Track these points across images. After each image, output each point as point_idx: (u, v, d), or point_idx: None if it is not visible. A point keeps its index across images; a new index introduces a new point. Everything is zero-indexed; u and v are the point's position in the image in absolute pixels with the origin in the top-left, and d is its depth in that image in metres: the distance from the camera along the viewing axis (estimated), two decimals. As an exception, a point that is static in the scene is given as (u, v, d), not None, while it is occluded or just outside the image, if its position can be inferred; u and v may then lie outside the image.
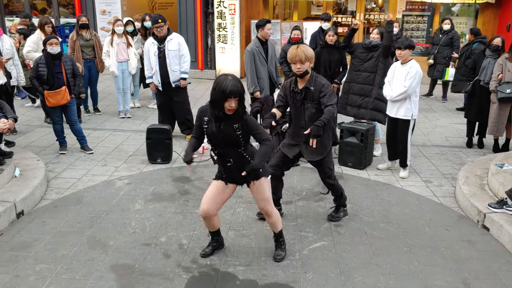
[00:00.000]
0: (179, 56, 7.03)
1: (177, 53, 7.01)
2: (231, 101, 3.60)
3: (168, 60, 6.96)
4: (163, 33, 6.91)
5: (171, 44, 6.96)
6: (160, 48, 6.97)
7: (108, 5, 13.01)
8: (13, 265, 4.10)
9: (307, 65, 4.30)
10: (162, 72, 7.01)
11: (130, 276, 3.97)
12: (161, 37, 6.95)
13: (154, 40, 7.04)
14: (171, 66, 6.98)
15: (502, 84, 6.55)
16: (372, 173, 6.27)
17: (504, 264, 4.22)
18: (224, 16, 12.05)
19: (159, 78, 7.05)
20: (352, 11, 13.53)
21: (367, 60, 6.56)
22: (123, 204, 5.29)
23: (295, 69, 4.33)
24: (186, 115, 7.35)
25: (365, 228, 4.81)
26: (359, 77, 6.65)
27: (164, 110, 7.36)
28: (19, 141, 7.26)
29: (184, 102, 7.35)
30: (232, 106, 3.62)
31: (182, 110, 7.32)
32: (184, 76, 7.13)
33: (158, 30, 6.88)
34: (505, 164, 5.72)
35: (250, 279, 3.95)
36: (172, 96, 7.17)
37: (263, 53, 6.92)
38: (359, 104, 6.68)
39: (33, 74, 6.42)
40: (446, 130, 8.30)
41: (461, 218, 5.08)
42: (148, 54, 7.10)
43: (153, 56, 7.01)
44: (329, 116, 4.31)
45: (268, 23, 6.94)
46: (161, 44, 6.97)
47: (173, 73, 7.02)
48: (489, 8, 12.30)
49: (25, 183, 5.37)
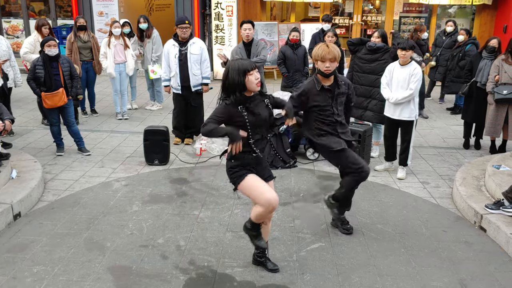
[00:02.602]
0: (200, 61, 6.96)
1: (198, 58, 6.93)
2: (253, 72, 3.54)
3: (189, 63, 6.88)
4: (187, 35, 6.83)
5: (194, 48, 6.89)
6: (182, 51, 6.89)
7: (105, 7, 13.01)
8: (10, 267, 4.09)
9: (335, 64, 4.27)
10: (182, 75, 6.94)
11: (128, 277, 3.97)
12: (184, 39, 6.86)
13: (175, 42, 6.93)
14: (192, 70, 6.91)
15: (499, 86, 6.57)
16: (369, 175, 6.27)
17: (501, 265, 4.23)
18: (221, 17, 12.06)
19: (179, 81, 6.97)
20: (349, 12, 13.57)
21: (372, 61, 6.49)
22: (121, 205, 5.28)
23: (324, 67, 4.22)
24: (198, 121, 7.29)
25: (363, 229, 4.82)
26: (363, 79, 6.60)
27: (181, 114, 7.28)
28: (16, 142, 7.25)
29: (200, 107, 7.32)
30: (257, 77, 3.56)
31: (197, 114, 7.28)
32: (207, 82, 7.09)
33: (184, 31, 6.79)
34: (502, 165, 5.74)
35: (248, 281, 3.95)
36: (189, 100, 7.13)
37: (243, 53, 6.90)
38: (364, 106, 6.63)
39: (30, 76, 6.41)
40: (443, 131, 8.32)
41: (458, 219, 5.09)
42: (168, 56, 7.00)
43: (173, 58, 6.92)
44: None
45: (245, 23, 6.91)
46: (182, 47, 6.88)
47: (193, 77, 6.95)
48: (485, 10, 12.34)
49: (22, 184, 5.36)
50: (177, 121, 7.35)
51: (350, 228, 4.74)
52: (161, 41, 8.88)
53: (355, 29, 13.36)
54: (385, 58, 6.39)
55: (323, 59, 4.21)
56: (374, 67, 6.47)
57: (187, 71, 6.91)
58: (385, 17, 13.29)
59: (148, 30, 8.92)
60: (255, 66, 3.58)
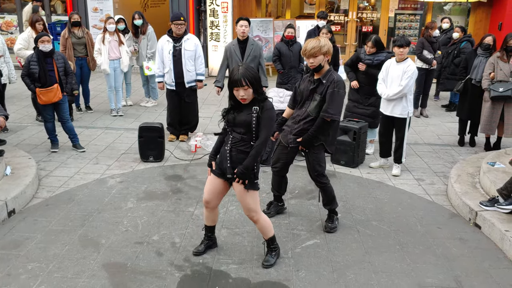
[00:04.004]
0: (195, 58, 6.96)
1: (193, 54, 6.93)
2: (238, 90, 3.59)
3: (183, 60, 6.88)
4: (182, 31, 6.84)
5: (188, 44, 6.89)
6: (176, 47, 6.87)
7: (100, 3, 12.94)
8: (5, 263, 4.07)
9: (318, 59, 4.33)
10: (176, 71, 6.93)
11: (123, 274, 3.96)
12: (178, 35, 6.86)
13: (169, 38, 6.92)
14: (186, 66, 6.91)
15: (494, 83, 6.59)
16: (364, 171, 6.29)
17: (495, 262, 4.25)
18: (216, 14, 12.03)
19: (173, 77, 6.96)
20: (344, 9, 13.56)
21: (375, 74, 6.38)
22: (115, 202, 5.26)
23: (309, 63, 4.40)
24: (193, 117, 7.32)
25: (358, 226, 4.82)
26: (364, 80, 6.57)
27: (175, 110, 7.27)
28: (10, 139, 7.20)
29: (194, 103, 7.31)
30: (241, 95, 3.60)
31: (191, 111, 7.28)
32: (201, 78, 7.08)
33: (179, 28, 6.78)
34: (497, 162, 5.76)
35: (243, 277, 3.95)
36: (184, 96, 7.12)
37: (237, 51, 6.88)
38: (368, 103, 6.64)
39: (24, 72, 6.37)
40: (438, 128, 8.34)
41: (453, 216, 5.10)
42: (162, 52, 6.99)
43: (167, 54, 6.90)
44: (317, 128, 4.40)
45: (241, 20, 6.88)
46: (177, 43, 6.87)
47: (187, 73, 6.94)
48: (481, 7, 12.37)
49: (17, 181, 5.33)
50: (171, 118, 7.33)
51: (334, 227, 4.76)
52: (156, 37, 8.84)
53: (350, 26, 13.36)
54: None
55: (303, 55, 4.43)
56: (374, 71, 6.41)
57: (181, 67, 6.90)
58: (380, 14, 13.29)
59: (143, 26, 8.89)
60: (244, 84, 3.57)
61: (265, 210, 4.92)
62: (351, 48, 13.26)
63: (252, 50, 6.91)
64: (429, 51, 8.70)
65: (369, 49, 6.41)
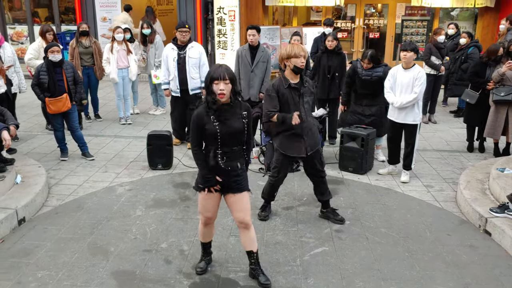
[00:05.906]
0: (199, 65, 7.03)
1: (197, 62, 7.01)
2: (219, 83, 3.50)
3: (187, 67, 6.95)
4: (187, 39, 6.93)
5: (192, 52, 6.97)
6: (180, 55, 6.96)
7: (108, 12, 13.08)
8: (15, 272, 4.10)
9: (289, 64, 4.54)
10: (181, 78, 7.00)
11: (131, 282, 3.97)
12: (183, 42, 6.95)
13: (174, 46, 7.02)
14: (190, 74, 6.98)
15: (498, 87, 6.56)
16: (373, 178, 6.27)
17: (506, 269, 4.21)
18: (224, 22, 12.09)
19: (178, 84, 7.04)
20: (351, 16, 13.58)
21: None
22: (124, 210, 5.29)
23: (300, 63, 4.45)
24: None
25: (366, 233, 4.81)
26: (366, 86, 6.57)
27: (180, 118, 7.33)
28: (20, 148, 7.27)
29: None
30: (221, 88, 3.50)
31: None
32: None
33: (183, 35, 6.88)
34: (506, 168, 5.72)
35: (251, 285, 3.94)
36: (188, 103, 7.17)
37: (248, 56, 6.92)
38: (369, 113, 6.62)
39: (34, 82, 6.44)
40: (446, 134, 8.30)
41: (463, 223, 5.07)
42: (167, 60, 7.09)
43: (172, 62, 7.00)
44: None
45: (250, 29, 6.93)
46: (181, 50, 6.96)
47: (191, 81, 7.01)
48: (488, 12, 12.34)
49: (27, 189, 5.37)
50: (176, 124, 7.44)
51: (342, 219, 4.99)
52: (163, 46, 8.91)
53: (357, 32, 13.38)
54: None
55: (297, 55, 4.45)
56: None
57: (185, 75, 6.98)
58: (387, 21, 13.30)
59: (151, 35, 8.97)
60: (226, 78, 3.51)
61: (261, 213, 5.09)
62: (358, 55, 13.26)
63: (262, 57, 6.97)
64: (437, 57, 8.68)
65: (366, 65, 6.43)
